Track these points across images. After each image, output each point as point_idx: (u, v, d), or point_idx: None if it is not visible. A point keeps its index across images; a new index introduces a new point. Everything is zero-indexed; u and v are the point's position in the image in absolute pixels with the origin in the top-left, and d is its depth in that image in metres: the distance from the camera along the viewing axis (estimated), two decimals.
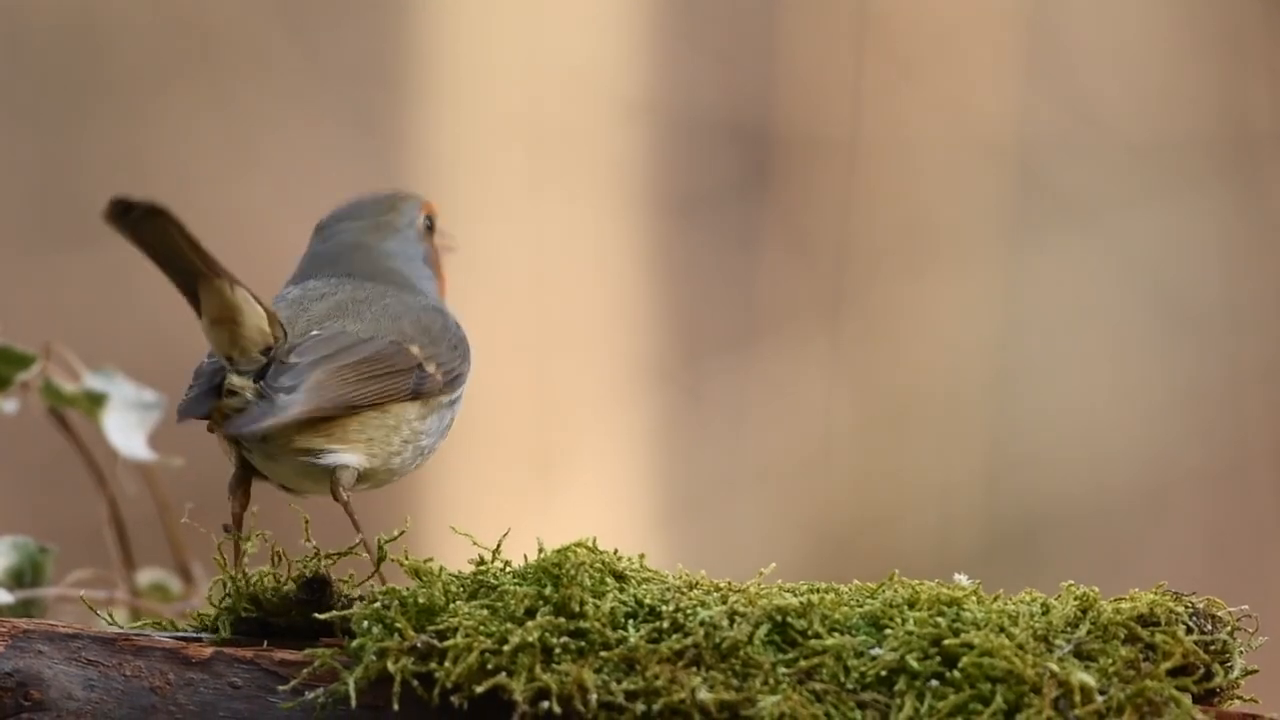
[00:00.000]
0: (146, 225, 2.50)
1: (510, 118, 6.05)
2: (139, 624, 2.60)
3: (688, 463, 6.06)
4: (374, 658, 2.42)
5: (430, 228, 2.90)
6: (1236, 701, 2.47)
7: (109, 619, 2.62)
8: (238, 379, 2.58)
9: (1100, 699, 2.40)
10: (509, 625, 2.42)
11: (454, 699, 2.41)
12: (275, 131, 6.11)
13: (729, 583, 2.50)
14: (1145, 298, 6.18)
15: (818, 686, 2.42)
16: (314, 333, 2.64)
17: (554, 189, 6.03)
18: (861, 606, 2.46)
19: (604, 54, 6.09)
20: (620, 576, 2.47)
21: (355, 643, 2.43)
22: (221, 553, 2.55)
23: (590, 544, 2.49)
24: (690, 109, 6.12)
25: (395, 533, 2.53)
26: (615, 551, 2.50)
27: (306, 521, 2.56)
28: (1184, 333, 6.14)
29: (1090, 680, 2.40)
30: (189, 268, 2.54)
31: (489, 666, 2.41)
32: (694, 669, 2.41)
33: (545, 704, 2.39)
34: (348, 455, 2.61)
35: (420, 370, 2.67)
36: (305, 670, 2.45)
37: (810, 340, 6.11)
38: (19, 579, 3.01)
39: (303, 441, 2.60)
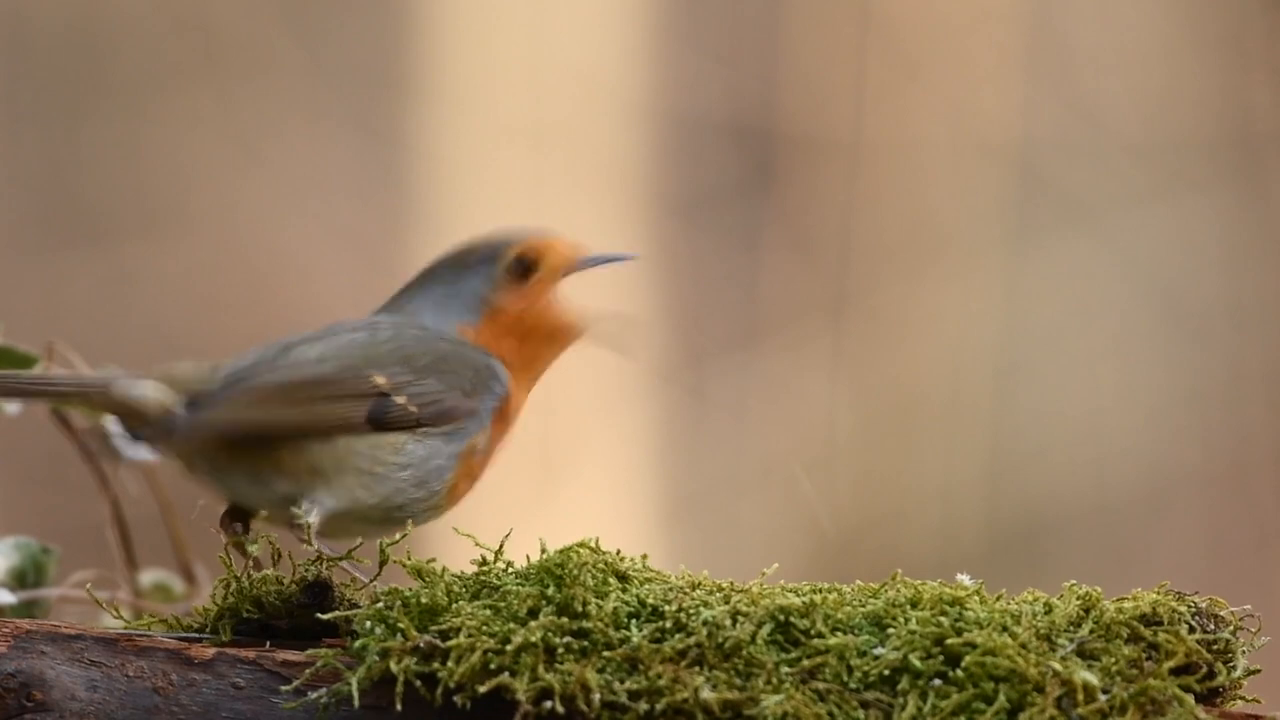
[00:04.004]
0: None
1: (513, 119, 6.05)
2: (147, 620, 2.59)
3: (690, 463, 6.05)
4: (377, 658, 2.42)
5: (525, 268, 2.75)
6: (1239, 701, 2.47)
7: (115, 613, 2.62)
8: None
9: (1103, 698, 2.40)
10: (512, 625, 2.42)
11: (457, 699, 2.41)
12: (277, 133, 6.11)
13: (731, 583, 2.50)
14: (1147, 298, 6.18)
15: (821, 686, 2.42)
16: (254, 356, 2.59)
17: (557, 190, 6.03)
18: (864, 606, 2.46)
19: (606, 55, 6.09)
20: (623, 577, 2.48)
21: (358, 643, 2.43)
22: (228, 550, 2.54)
23: (593, 544, 2.49)
24: (693, 110, 6.12)
25: (398, 535, 2.53)
26: (618, 552, 2.50)
27: (309, 524, 2.56)
28: (1186, 333, 6.14)
29: (1093, 679, 2.40)
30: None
31: (492, 666, 2.41)
32: (697, 669, 2.41)
33: (548, 704, 2.39)
34: (288, 486, 2.57)
35: (383, 399, 2.58)
36: (308, 671, 2.46)
37: (813, 340, 6.11)
38: (21, 580, 3.01)
39: (242, 468, 2.56)
